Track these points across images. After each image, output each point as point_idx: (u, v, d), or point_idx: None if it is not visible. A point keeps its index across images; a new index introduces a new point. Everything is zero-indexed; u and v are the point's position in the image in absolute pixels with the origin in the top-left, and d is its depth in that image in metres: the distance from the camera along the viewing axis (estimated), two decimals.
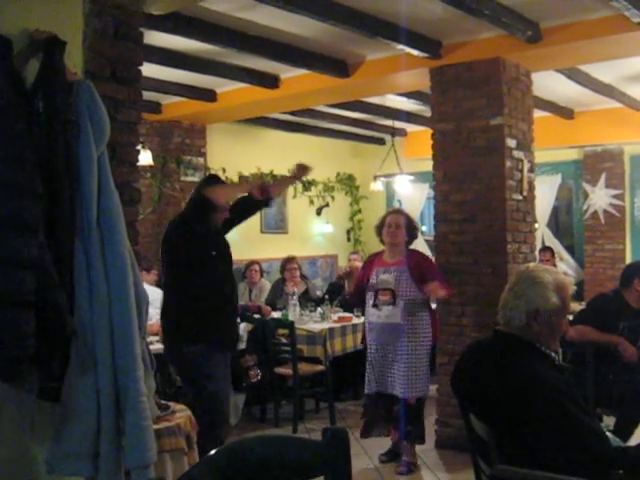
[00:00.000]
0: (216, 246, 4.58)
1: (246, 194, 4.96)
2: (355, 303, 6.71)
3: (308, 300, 8.05)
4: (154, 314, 6.47)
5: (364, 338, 5.64)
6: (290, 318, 7.12)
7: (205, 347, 4.37)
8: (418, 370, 5.24)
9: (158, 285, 7.25)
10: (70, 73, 2.50)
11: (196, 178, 8.64)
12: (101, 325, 2.39)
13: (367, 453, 5.68)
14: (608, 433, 2.72)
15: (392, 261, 5.40)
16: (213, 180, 4.92)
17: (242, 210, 4.95)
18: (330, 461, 1.83)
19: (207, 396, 4.36)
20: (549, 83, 7.18)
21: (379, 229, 5.54)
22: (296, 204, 10.79)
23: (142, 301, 2.58)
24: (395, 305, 5.25)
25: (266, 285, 8.72)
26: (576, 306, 8.03)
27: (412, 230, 5.51)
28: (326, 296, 8.13)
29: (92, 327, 2.39)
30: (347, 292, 5.99)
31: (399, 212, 5.68)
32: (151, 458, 2.42)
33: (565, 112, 8.80)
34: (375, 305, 5.35)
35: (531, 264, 2.91)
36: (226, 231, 4.81)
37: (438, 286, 5.16)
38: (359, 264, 8.37)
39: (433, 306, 5.71)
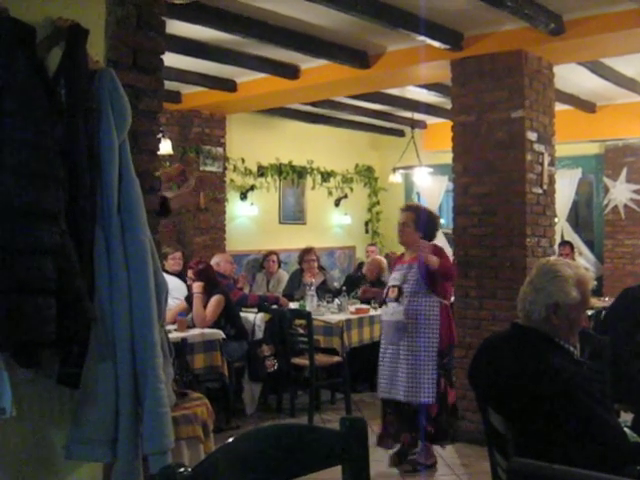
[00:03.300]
0: None
1: None
2: None
3: (326, 291, 8.06)
4: (173, 303, 6.52)
5: None
6: (307, 309, 7.13)
7: None
8: (421, 374, 4.97)
9: (179, 274, 7.30)
10: (92, 61, 2.51)
11: (215, 168, 8.68)
12: (120, 312, 2.41)
13: None
14: (626, 429, 2.70)
15: (409, 258, 5.25)
16: None
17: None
18: (348, 450, 1.83)
19: None
20: (571, 76, 7.12)
21: None
22: (314, 195, 10.80)
23: (161, 289, 2.58)
24: (399, 302, 5.10)
25: (284, 276, 8.74)
26: (595, 301, 8.01)
27: (426, 226, 5.22)
28: (344, 287, 8.13)
29: (112, 314, 2.40)
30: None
31: (407, 209, 5.39)
32: (169, 444, 2.43)
33: (587, 106, 8.72)
34: (384, 302, 5.27)
35: (552, 257, 2.89)
36: None
37: (426, 248, 4.94)
38: (380, 257, 8.39)
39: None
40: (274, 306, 7.24)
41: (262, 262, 9.03)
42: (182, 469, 1.52)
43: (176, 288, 6.91)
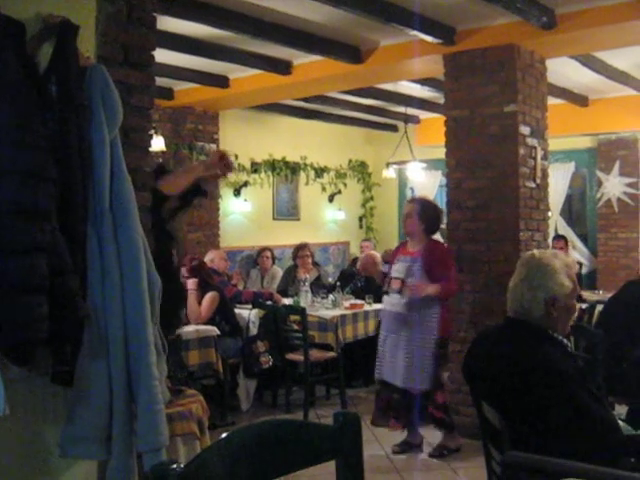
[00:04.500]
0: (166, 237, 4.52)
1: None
2: None
3: (320, 287, 8.06)
4: None
5: (379, 325, 5.68)
6: (302, 305, 7.13)
7: None
8: (419, 362, 5.15)
9: None
10: (83, 58, 2.50)
11: None
12: (113, 309, 2.40)
13: (378, 440, 5.69)
14: (620, 421, 2.71)
15: (412, 250, 5.38)
16: (161, 170, 4.73)
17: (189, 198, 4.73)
18: (342, 446, 1.83)
19: None
20: (564, 70, 7.13)
21: None
22: (308, 191, 10.79)
23: (155, 286, 2.58)
24: (402, 295, 5.24)
25: (278, 272, 8.73)
26: (589, 295, 8.02)
27: (429, 218, 5.35)
28: (338, 283, 8.13)
29: (105, 311, 2.40)
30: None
31: (412, 201, 5.61)
32: (163, 442, 2.43)
33: (579, 99, 8.73)
34: (386, 292, 5.41)
35: (535, 251, 2.88)
36: (169, 219, 4.71)
37: (420, 287, 5.10)
38: (374, 252, 8.37)
39: None
40: (268, 302, 7.24)
41: (256, 258, 9.02)
42: (175, 465, 1.51)
43: None
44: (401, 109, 9.72)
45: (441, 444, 5.40)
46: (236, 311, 6.94)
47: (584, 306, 6.75)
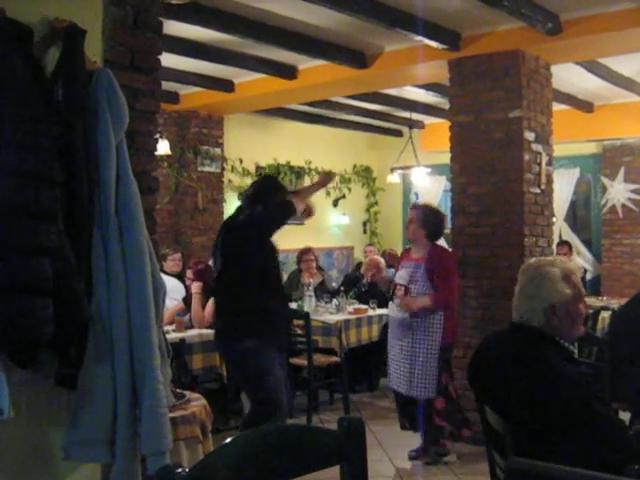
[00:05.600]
0: (274, 248, 4.76)
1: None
2: None
3: (324, 291, 8.05)
4: (170, 304, 6.51)
5: (383, 330, 5.65)
6: (305, 309, 7.12)
7: (257, 343, 4.48)
8: (422, 371, 5.11)
9: (178, 275, 7.29)
10: (90, 62, 2.51)
11: (213, 168, 8.66)
12: (118, 313, 2.40)
13: (381, 445, 5.68)
14: None
15: (415, 256, 5.34)
16: (278, 184, 5.19)
17: None
18: (346, 451, 1.83)
19: (263, 390, 4.50)
20: (569, 76, 7.12)
21: None
22: (312, 195, 10.77)
23: (159, 290, 2.58)
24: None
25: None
26: (594, 301, 8.01)
27: (430, 224, 5.28)
28: (342, 288, 8.12)
29: (109, 314, 2.40)
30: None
31: (414, 207, 5.56)
32: (167, 445, 2.43)
33: (584, 105, 8.72)
34: (391, 298, 5.37)
35: (533, 260, 2.87)
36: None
37: (411, 301, 5.11)
38: (378, 257, 8.36)
39: None
40: None
41: None
42: (180, 470, 1.52)
43: (174, 289, 6.90)
44: (406, 114, 9.72)
45: (434, 452, 5.33)
46: None
47: (588, 312, 6.74)
